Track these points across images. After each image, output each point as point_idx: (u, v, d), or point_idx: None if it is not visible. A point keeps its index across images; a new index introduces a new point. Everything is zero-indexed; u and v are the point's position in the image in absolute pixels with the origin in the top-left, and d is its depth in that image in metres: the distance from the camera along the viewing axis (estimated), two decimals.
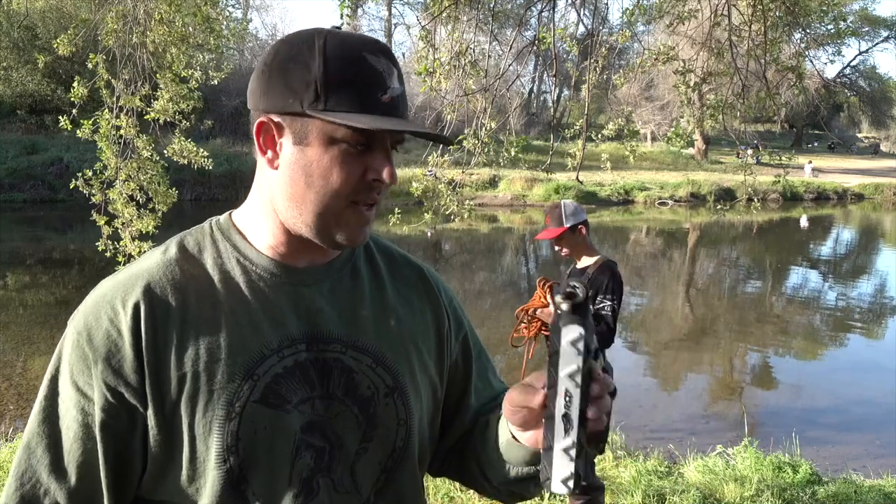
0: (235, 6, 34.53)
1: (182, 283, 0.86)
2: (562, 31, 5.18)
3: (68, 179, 5.27)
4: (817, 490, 3.90)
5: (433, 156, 5.00)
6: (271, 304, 0.88)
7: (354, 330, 0.91)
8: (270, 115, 0.84)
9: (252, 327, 0.86)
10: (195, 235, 0.92)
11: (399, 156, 0.91)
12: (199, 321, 0.85)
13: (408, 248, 5.28)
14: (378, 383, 0.91)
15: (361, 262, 0.98)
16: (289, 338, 0.87)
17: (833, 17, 5.35)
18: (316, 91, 0.81)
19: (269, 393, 0.85)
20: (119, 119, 4.82)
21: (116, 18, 4.81)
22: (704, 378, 7.92)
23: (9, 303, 10.28)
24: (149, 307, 0.83)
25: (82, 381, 0.83)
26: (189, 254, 0.89)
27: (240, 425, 0.83)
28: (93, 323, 0.84)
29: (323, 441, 0.87)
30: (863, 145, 46.44)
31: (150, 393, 0.82)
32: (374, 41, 0.85)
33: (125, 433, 0.83)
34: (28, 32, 24.18)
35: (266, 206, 0.89)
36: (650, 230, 21.80)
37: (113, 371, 0.82)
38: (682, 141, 5.73)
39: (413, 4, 40.10)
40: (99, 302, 0.85)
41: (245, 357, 0.85)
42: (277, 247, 0.90)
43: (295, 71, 0.82)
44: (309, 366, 0.87)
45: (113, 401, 0.82)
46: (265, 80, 0.84)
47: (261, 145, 0.86)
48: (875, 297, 12.54)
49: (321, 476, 0.87)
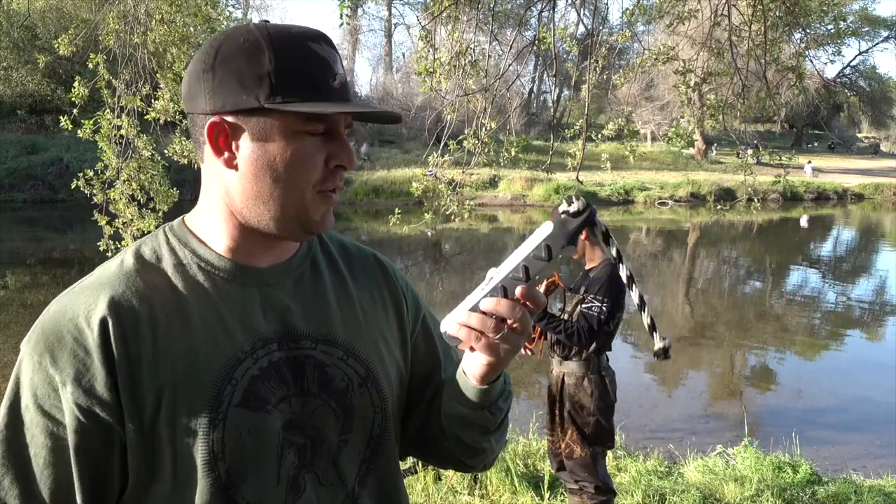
0: (235, 6, 34.54)
1: (146, 293, 0.84)
2: (562, 31, 5.18)
3: (68, 179, 5.27)
4: (817, 490, 3.90)
5: (433, 156, 5.00)
6: (239, 306, 0.87)
7: (322, 324, 0.92)
8: (222, 115, 0.82)
9: (224, 332, 0.85)
10: (150, 244, 0.90)
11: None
12: (170, 331, 0.83)
13: (408, 248, 5.35)
14: (351, 374, 0.92)
15: (320, 256, 0.98)
16: (261, 339, 0.87)
17: (833, 17, 5.35)
18: (271, 84, 0.80)
19: (249, 396, 0.84)
20: (120, 119, 4.82)
21: (117, 18, 4.81)
22: (704, 378, 7.92)
23: (9, 303, 10.28)
24: (116, 321, 0.81)
25: (49, 404, 0.80)
26: (148, 263, 0.87)
27: (224, 431, 0.82)
28: (55, 344, 0.80)
29: (304, 438, 0.88)
30: (863, 145, 46.40)
31: (126, 409, 0.80)
32: (313, 30, 0.85)
33: (102, 454, 0.81)
34: (28, 32, 24.19)
35: (221, 209, 0.88)
36: (650, 230, 21.80)
37: (84, 391, 0.79)
38: (682, 141, 5.73)
39: (413, 4, 40.16)
40: (59, 321, 0.81)
41: (221, 362, 0.84)
42: (237, 248, 0.89)
43: (244, 67, 0.80)
44: (282, 365, 0.87)
45: (86, 422, 0.80)
46: (210, 80, 0.82)
47: (216, 147, 0.83)
48: (875, 297, 12.55)
49: (306, 472, 0.88)
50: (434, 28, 5.31)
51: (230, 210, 0.87)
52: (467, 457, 1.02)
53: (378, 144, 31.26)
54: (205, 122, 0.83)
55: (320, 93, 0.82)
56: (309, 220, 0.86)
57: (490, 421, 0.95)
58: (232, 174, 0.84)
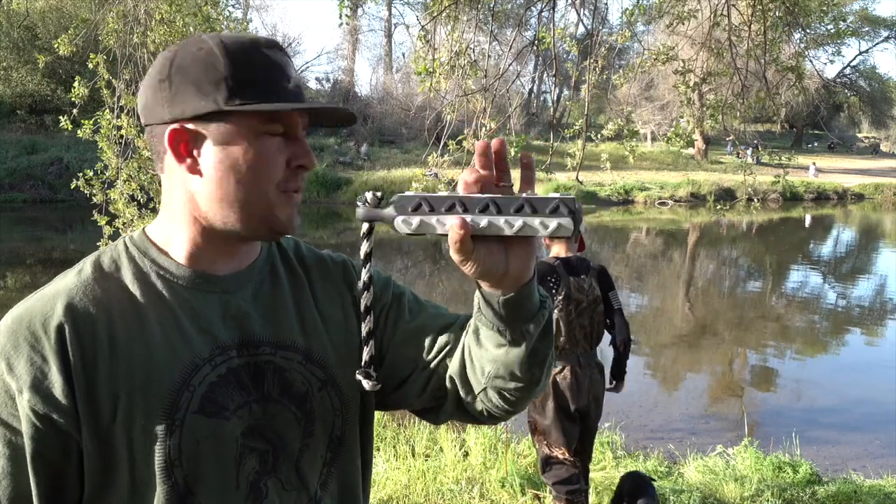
0: (235, 6, 34.52)
1: (104, 300, 0.84)
2: (562, 31, 5.19)
3: (68, 179, 5.27)
4: (817, 490, 3.90)
5: (433, 156, 5.00)
6: (197, 314, 0.88)
7: (280, 330, 0.92)
8: (182, 123, 0.83)
9: (182, 339, 0.85)
10: (110, 254, 0.90)
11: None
12: (127, 338, 0.83)
13: (408, 248, 5.36)
14: (311, 379, 0.93)
15: (278, 263, 0.99)
16: (219, 346, 0.87)
17: (833, 17, 5.36)
18: (228, 88, 0.81)
19: (206, 402, 0.84)
20: (120, 119, 4.82)
21: (117, 18, 4.82)
22: (704, 378, 7.93)
23: (9, 303, 10.18)
24: (73, 328, 0.81)
25: (6, 413, 0.81)
26: (106, 272, 0.87)
27: (181, 438, 0.83)
28: (11, 352, 0.80)
29: (265, 444, 0.88)
30: (863, 145, 46.40)
31: (82, 416, 0.80)
32: (265, 38, 0.88)
33: (58, 461, 0.81)
34: (28, 32, 24.17)
35: (183, 216, 0.88)
36: (650, 230, 21.79)
37: (42, 398, 0.79)
38: (681, 141, 5.72)
39: (413, 4, 40.09)
40: (15, 329, 0.82)
41: (179, 369, 0.84)
42: (198, 256, 0.89)
43: (201, 74, 0.82)
44: (241, 371, 0.88)
45: (43, 428, 0.80)
46: (167, 90, 0.83)
47: (177, 154, 0.84)
48: (875, 297, 12.55)
49: (268, 478, 0.88)
50: (434, 28, 5.31)
51: (193, 216, 0.88)
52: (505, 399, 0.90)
53: (378, 144, 31.24)
54: (164, 131, 0.84)
55: (278, 95, 0.84)
56: (276, 219, 0.87)
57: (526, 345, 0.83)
58: (196, 179, 0.85)
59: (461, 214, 0.75)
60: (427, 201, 0.77)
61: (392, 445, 4.31)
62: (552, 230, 0.75)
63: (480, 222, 0.75)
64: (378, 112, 34.22)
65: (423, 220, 0.77)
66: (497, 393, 0.89)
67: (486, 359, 0.86)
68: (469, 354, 0.89)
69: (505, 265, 0.78)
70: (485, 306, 0.82)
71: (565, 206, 0.75)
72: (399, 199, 0.79)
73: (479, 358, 0.87)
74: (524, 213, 0.75)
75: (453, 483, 3.81)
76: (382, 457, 4.13)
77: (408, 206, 0.78)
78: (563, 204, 0.75)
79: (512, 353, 0.83)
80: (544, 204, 0.75)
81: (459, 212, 0.76)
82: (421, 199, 0.77)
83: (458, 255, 0.76)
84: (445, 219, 0.76)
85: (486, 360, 0.86)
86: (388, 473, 3.93)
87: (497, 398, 0.90)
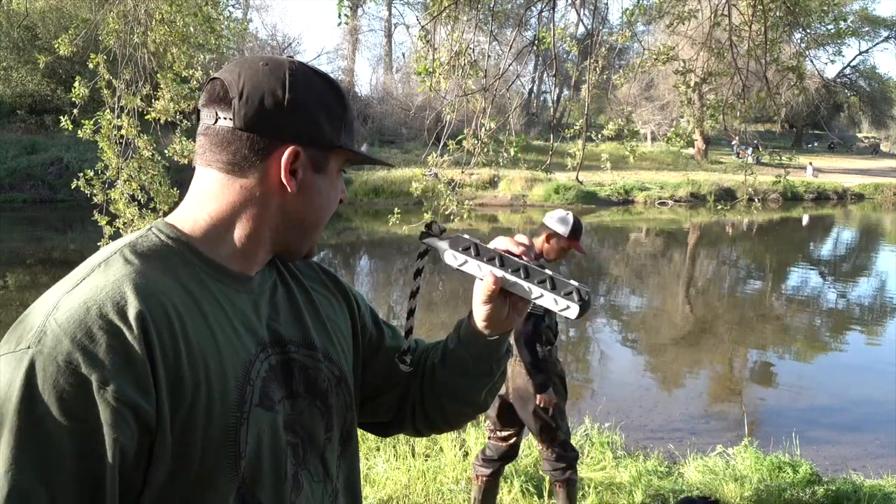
0: (235, 6, 34.48)
1: (166, 290, 0.82)
2: (562, 31, 5.19)
3: (68, 179, 5.27)
4: (817, 490, 3.90)
5: (433, 156, 5.00)
6: (239, 311, 0.90)
7: (300, 329, 0.98)
8: (304, 146, 0.90)
9: (235, 334, 0.88)
10: (146, 245, 0.87)
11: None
12: (194, 329, 0.82)
13: (408, 248, 5.39)
14: (329, 376, 0.99)
15: (281, 268, 1.04)
16: (261, 342, 0.91)
17: (833, 17, 5.36)
18: (345, 127, 0.94)
19: (262, 396, 0.87)
20: (120, 119, 4.83)
21: (117, 18, 4.82)
22: (704, 378, 7.93)
23: (9, 303, 10.29)
24: (152, 316, 0.78)
25: (79, 407, 0.73)
26: (153, 263, 0.85)
27: (248, 430, 0.84)
28: (86, 343, 0.74)
29: (296, 437, 0.92)
30: (863, 145, 46.40)
31: (168, 406, 0.77)
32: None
33: (134, 451, 0.76)
34: (28, 32, 24.15)
35: (246, 219, 0.90)
36: (650, 230, 21.80)
37: (130, 386, 0.75)
38: (682, 141, 5.73)
39: (413, 4, 40.09)
40: (83, 319, 0.75)
41: (240, 362, 0.86)
42: (239, 257, 0.92)
43: (329, 106, 0.92)
44: (279, 367, 0.92)
45: (124, 419, 0.74)
46: (294, 109, 0.89)
47: (287, 171, 0.89)
48: (875, 297, 12.55)
49: (301, 469, 0.92)
50: (434, 28, 5.31)
51: (260, 223, 0.91)
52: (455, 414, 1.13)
53: (378, 144, 31.27)
54: (280, 147, 0.89)
55: (354, 139, 0.98)
56: (314, 244, 0.99)
57: (490, 372, 1.05)
58: (290, 196, 0.92)
59: (499, 268, 0.92)
60: (476, 248, 0.94)
61: (392, 445, 4.31)
62: (560, 309, 0.90)
63: (511, 280, 0.92)
64: (378, 112, 34.24)
65: (468, 261, 0.94)
66: (449, 413, 1.11)
67: (451, 383, 1.06)
68: (432, 377, 1.08)
69: (505, 315, 0.97)
70: (472, 340, 1.01)
71: (579, 294, 0.89)
72: (456, 237, 0.96)
73: (442, 381, 1.07)
74: (545, 286, 0.90)
75: (453, 483, 3.81)
76: (382, 457, 4.13)
77: (459, 245, 0.95)
78: (577, 292, 0.89)
79: (476, 383, 1.05)
80: (564, 286, 0.90)
81: (497, 265, 0.93)
82: (472, 244, 0.94)
83: (484, 297, 0.94)
84: (485, 267, 0.93)
85: (450, 384, 1.06)
86: (388, 473, 3.92)
87: (448, 417, 1.12)
